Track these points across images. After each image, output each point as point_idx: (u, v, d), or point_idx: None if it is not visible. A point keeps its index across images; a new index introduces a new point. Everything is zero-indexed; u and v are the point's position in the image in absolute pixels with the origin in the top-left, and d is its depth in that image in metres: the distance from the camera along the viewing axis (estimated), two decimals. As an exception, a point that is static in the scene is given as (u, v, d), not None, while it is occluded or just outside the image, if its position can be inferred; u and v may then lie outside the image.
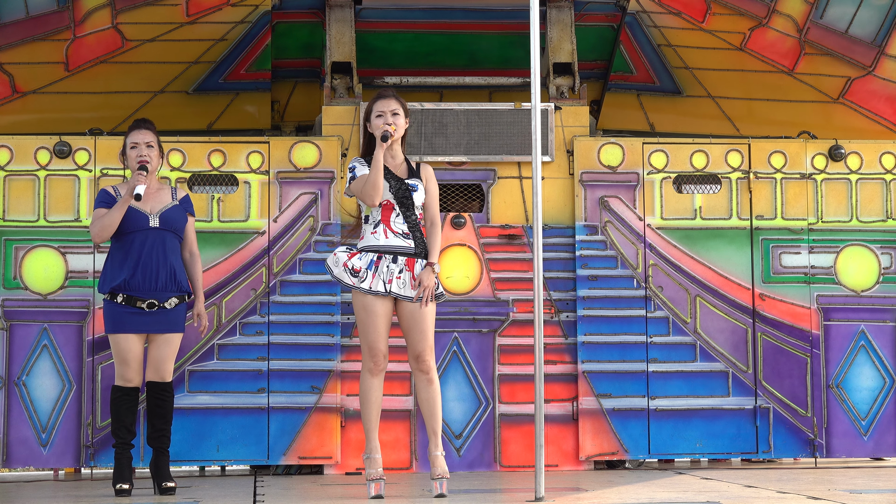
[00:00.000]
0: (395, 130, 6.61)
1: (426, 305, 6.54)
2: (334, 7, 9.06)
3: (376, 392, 6.58)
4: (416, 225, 6.62)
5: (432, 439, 6.57)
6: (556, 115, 8.72)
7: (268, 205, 8.52)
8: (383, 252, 6.54)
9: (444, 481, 6.52)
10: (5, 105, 9.17)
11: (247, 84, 9.51)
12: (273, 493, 7.01)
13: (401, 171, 6.67)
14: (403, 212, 6.59)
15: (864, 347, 8.74)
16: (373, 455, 6.59)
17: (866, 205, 8.85)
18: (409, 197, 6.59)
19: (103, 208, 7.06)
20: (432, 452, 6.55)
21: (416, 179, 6.65)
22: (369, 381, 6.57)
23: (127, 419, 7.04)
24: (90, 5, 8.81)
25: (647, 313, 8.63)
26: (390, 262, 6.53)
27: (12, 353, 8.31)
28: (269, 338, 8.44)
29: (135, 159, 7.08)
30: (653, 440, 8.58)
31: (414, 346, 6.56)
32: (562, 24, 9.14)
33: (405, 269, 6.55)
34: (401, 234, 6.57)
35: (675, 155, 8.76)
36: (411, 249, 6.57)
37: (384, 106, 6.66)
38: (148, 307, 6.98)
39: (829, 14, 9.09)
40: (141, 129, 7.14)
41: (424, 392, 6.58)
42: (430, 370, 6.56)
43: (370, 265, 6.53)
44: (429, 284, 6.53)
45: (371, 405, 6.58)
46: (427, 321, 6.55)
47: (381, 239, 6.56)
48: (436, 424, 6.57)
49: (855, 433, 8.69)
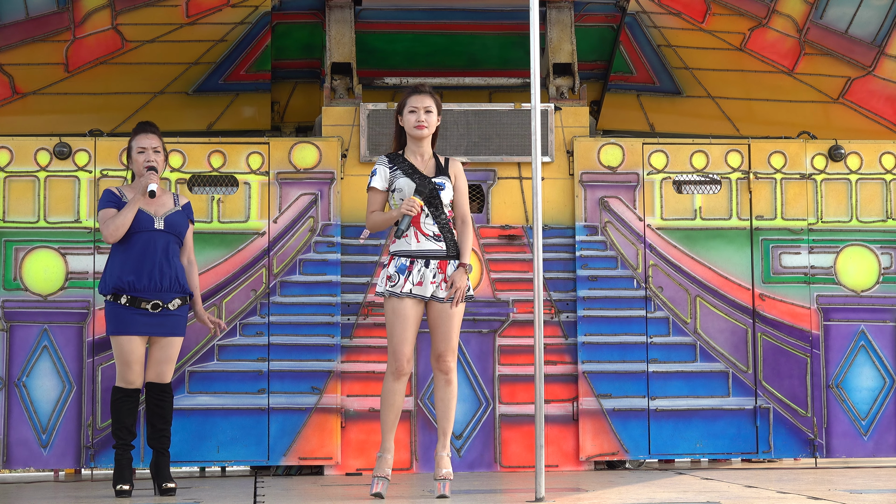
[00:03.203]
0: (426, 129, 6.58)
1: (456, 306, 6.54)
2: (334, 8, 9.06)
3: (398, 396, 6.56)
4: (447, 225, 6.59)
5: (441, 439, 6.56)
6: (555, 115, 8.72)
7: (268, 205, 8.52)
8: (415, 257, 6.54)
9: (448, 482, 6.53)
10: (5, 106, 9.17)
11: (247, 85, 9.51)
12: (273, 494, 7.01)
13: (428, 170, 6.64)
14: (432, 212, 6.56)
15: (864, 347, 8.74)
16: (385, 455, 6.57)
17: (866, 205, 8.85)
18: (437, 196, 6.57)
19: (111, 208, 7.05)
20: (439, 452, 6.54)
21: (444, 177, 6.62)
22: (392, 385, 6.55)
23: (127, 420, 7.03)
24: (90, 6, 8.81)
25: (647, 313, 8.63)
26: (422, 266, 6.52)
27: (12, 354, 8.31)
28: (270, 338, 8.44)
29: (142, 164, 7.08)
30: (653, 440, 8.58)
31: (436, 346, 6.56)
32: (562, 25, 9.14)
33: (438, 271, 6.54)
34: (432, 237, 6.55)
35: (675, 155, 8.76)
36: (443, 252, 6.56)
37: (418, 102, 6.62)
38: (153, 308, 6.98)
39: (829, 14, 9.09)
40: (147, 133, 7.13)
41: (441, 391, 6.58)
42: (449, 371, 6.56)
43: (402, 269, 6.52)
44: (461, 286, 6.52)
45: (391, 408, 6.56)
46: (454, 322, 6.55)
47: (412, 243, 6.54)
48: (447, 425, 6.56)
49: (855, 433, 8.69)
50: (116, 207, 7.04)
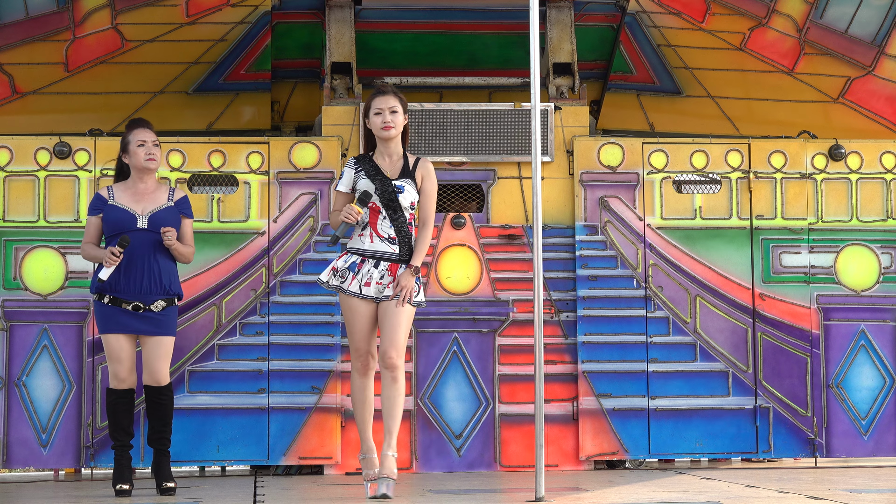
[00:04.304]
0: (393, 129, 6.60)
1: (401, 305, 6.52)
2: (334, 7, 9.06)
3: (366, 392, 6.59)
4: (405, 228, 6.58)
5: (386, 438, 6.52)
6: (555, 115, 8.72)
7: (268, 205, 8.52)
8: (366, 256, 6.55)
9: (392, 483, 6.50)
10: (5, 105, 9.17)
11: (247, 84, 9.51)
12: (273, 494, 7.01)
13: (394, 170, 6.63)
14: (390, 214, 6.56)
15: (864, 347, 8.74)
16: (368, 455, 6.58)
17: (866, 204, 8.85)
18: (395, 199, 6.57)
19: (94, 217, 7.10)
20: (384, 451, 6.50)
21: (407, 179, 6.61)
22: (358, 381, 6.60)
23: (123, 421, 7.04)
24: (90, 6, 8.81)
25: (647, 313, 8.63)
26: (371, 266, 6.54)
27: (12, 353, 8.30)
28: (269, 338, 8.44)
29: (143, 157, 7.09)
30: (653, 440, 8.58)
31: (382, 343, 6.55)
32: (561, 25, 9.14)
33: (387, 273, 6.54)
34: (386, 239, 6.56)
35: (675, 155, 8.76)
36: (395, 255, 6.56)
37: (382, 103, 6.63)
38: (133, 309, 6.98)
39: (829, 14, 9.09)
40: (145, 127, 7.16)
41: (388, 390, 6.54)
42: (394, 368, 6.51)
43: (352, 266, 6.54)
44: (405, 285, 6.51)
45: (362, 405, 6.57)
46: (398, 320, 6.51)
47: (366, 243, 6.57)
48: (392, 424, 6.52)
49: (855, 433, 8.69)
50: (100, 212, 7.07)
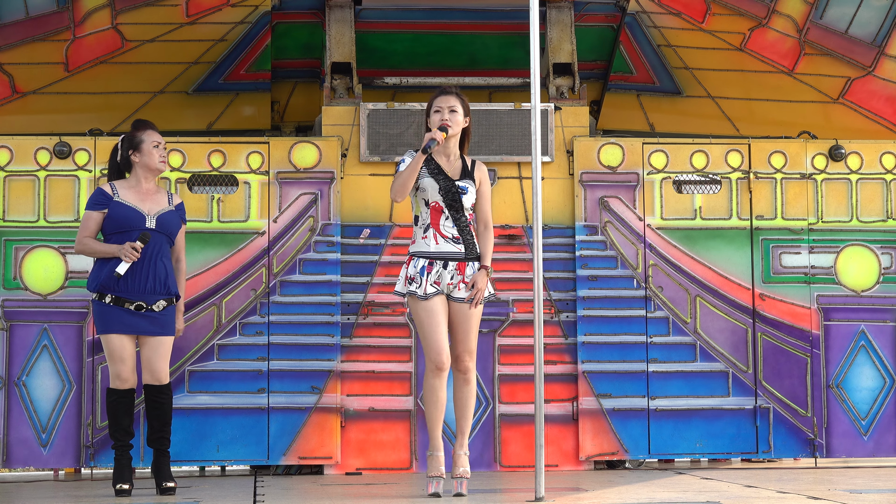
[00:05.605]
0: (450, 128, 6.55)
1: (475, 307, 6.55)
2: (334, 7, 9.06)
3: (441, 392, 6.55)
4: (467, 227, 6.59)
5: (459, 438, 6.58)
6: (555, 115, 8.72)
7: (268, 205, 8.52)
8: (434, 258, 6.54)
9: (465, 481, 6.53)
10: (5, 105, 9.17)
11: (247, 84, 9.51)
12: (273, 494, 7.01)
13: (454, 171, 6.63)
14: (453, 214, 6.56)
15: (865, 347, 8.74)
16: (436, 453, 6.56)
17: (866, 205, 8.85)
18: (459, 200, 6.57)
19: (97, 212, 7.05)
20: (457, 451, 6.55)
21: (469, 181, 6.61)
22: (433, 382, 6.54)
23: (124, 421, 7.04)
24: (90, 6, 8.81)
25: (647, 313, 8.63)
26: (440, 267, 6.52)
27: (12, 353, 8.31)
28: (269, 338, 8.44)
29: (158, 158, 7.10)
30: (653, 440, 8.58)
31: (455, 346, 6.58)
32: (562, 25, 9.14)
33: (456, 273, 6.54)
34: (451, 239, 6.55)
35: (675, 155, 8.76)
36: (461, 254, 6.56)
37: (442, 102, 6.60)
38: (136, 309, 6.98)
39: (829, 14, 9.09)
40: (154, 129, 7.17)
41: (460, 391, 6.61)
42: (467, 371, 6.58)
43: (422, 271, 6.52)
44: (481, 286, 6.54)
45: (435, 405, 6.54)
46: (472, 323, 6.57)
47: (431, 245, 6.54)
48: (465, 424, 6.58)
49: (855, 433, 8.69)
50: (105, 208, 7.04)
